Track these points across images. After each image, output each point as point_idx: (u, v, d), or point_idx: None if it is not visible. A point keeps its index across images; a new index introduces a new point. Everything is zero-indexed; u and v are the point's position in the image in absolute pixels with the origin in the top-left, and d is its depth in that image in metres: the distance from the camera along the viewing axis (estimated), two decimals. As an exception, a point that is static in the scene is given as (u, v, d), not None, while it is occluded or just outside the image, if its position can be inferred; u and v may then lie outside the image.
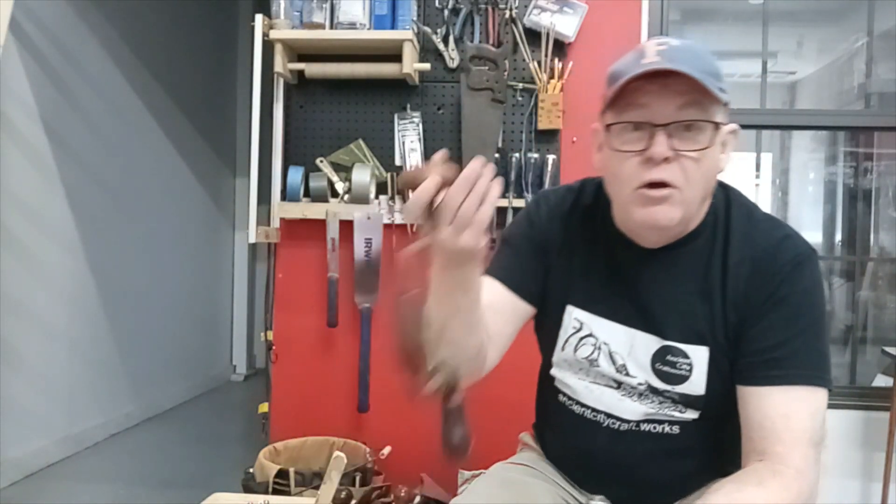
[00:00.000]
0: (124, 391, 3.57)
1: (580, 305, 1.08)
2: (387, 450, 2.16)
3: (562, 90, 2.27)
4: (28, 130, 2.83)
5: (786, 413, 0.93)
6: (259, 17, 2.28)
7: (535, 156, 2.29)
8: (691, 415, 1.03)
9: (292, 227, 2.41)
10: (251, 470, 2.11)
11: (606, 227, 1.08)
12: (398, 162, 2.36)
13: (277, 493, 1.98)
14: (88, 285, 3.26)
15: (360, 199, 2.30)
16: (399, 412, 2.37)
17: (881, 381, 2.68)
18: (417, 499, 2.13)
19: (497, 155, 2.30)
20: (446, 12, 2.32)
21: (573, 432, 1.10)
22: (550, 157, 2.29)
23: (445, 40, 2.32)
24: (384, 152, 2.39)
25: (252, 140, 2.31)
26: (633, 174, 0.94)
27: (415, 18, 2.29)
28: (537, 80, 2.28)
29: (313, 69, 2.32)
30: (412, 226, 2.33)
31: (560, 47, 2.29)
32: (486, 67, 2.28)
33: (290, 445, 2.29)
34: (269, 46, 2.28)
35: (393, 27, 2.28)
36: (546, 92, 2.27)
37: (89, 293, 3.27)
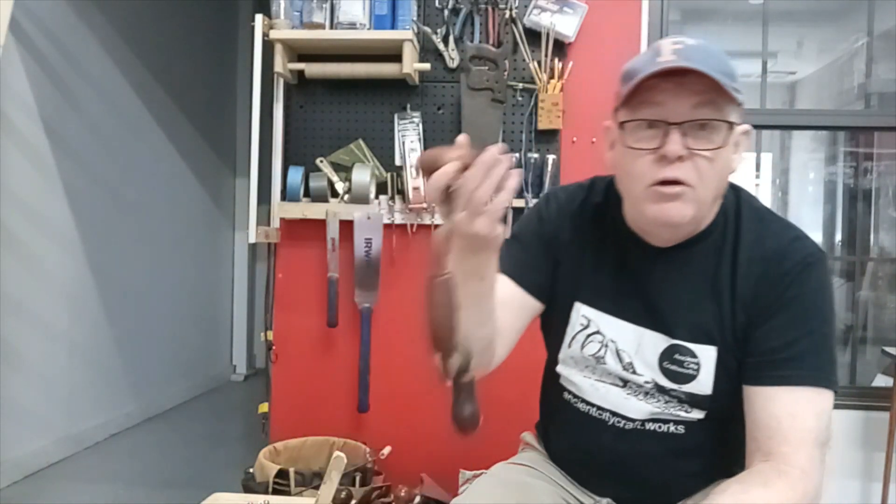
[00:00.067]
0: (124, 391, 3.57)
1: (588, 302, 1.08)
2: (387, 450, 2.16)
3: (562, 90, 2.27)
4: (28, 130, 2.83)
5: (792, 413, 0.93)
6: (259, 17, 2.28)
7: (535, 156, 2.29)
8: (697, 415, 1.03)
9: (292, 227, 2.41)
10: (251, 470, 2.11)
11: (616, 225, 1.07)
12: (398, 162, 2.36)
13: (277, 493, 1.98)
14: (88, 285, 3.26)
15: (360, 199, 2.30)
16: (399, 412, 2.37)
17: (881, 381, 2.68)
18: (417, 499, 2.13)
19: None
20: (446, 12, 2.32)
21: (578, 430, 1.10)
22: (550, 157, 2.29)
23: (445, 40, 2.32)
24: (384, 152, 2.39)
25: (252, 140, 2.31)
26: (647, 171, 0.94)
27: (415, 18, 2.29)
28: (537, 80, 2.28)
29: (313, 69, 2.32)
30: (412, 226, 2.33)
31: (560, 47, 2.29)
32: (486, 67, 2.28)
33: (290, 445, 2.29)
34: (269, 46, 2.28)
35: (393, 27, 2.28)
36: (546, 92, 2.27)
37: (89, 293, 3.27)
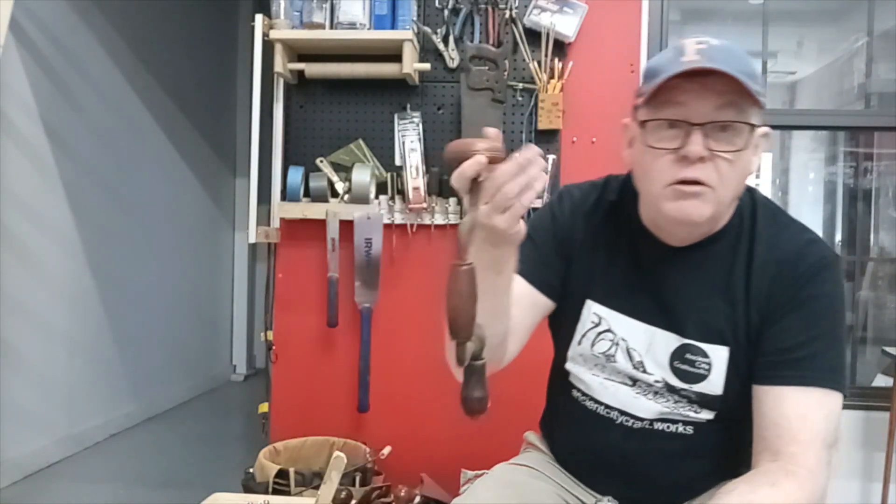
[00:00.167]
0: (124, 391, 3.57)
1: (600, 300, 1.07)
2: (387, 450, 2.16)
3: (562, 90, 2.27)
4: (28, 130, 2.83)
5: (802, 413, 0.93)
6: (259, 17, 2.28)
7: (535, 156, 2.29)
8: (706, 415, 1.03)
9: (292, 227, 2.40)
10: (251, 470, 2.11)
11: (631, 224, 1.07)
12: (398, 162, 2.36)
13: (277, 493, 1.98)
14: (88, 285, 3.26)
15: (360, 199, 2.30)
16: (399, 412, 2.37)
17: (881, 381, 2.68)
18: (417, 499, 2.13)
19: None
20: (446, 12, 2.32)
21: (585, 428, 1.10)
22: (550, 157, 2.28)
23: (445, 40, 2.32)
24: (384, 152, 2.39)
25: (252, 140, 2.31)
26: (667, 171, 0.94)
27: (415, 18, 2.29)
28: (537, 80, 2.28)
29: (313, 69, 2.32)
30: (412, 226, 2.33)
31: (560, 47, 2.29)
32: (486, 67, 2.28)
33: (290, 445, 2.29)
34: (269, 46, 2.28)
35: (393, 27, 2.27)
36: (546, 92, 2.27)
37: (89, 293, 3.27)
